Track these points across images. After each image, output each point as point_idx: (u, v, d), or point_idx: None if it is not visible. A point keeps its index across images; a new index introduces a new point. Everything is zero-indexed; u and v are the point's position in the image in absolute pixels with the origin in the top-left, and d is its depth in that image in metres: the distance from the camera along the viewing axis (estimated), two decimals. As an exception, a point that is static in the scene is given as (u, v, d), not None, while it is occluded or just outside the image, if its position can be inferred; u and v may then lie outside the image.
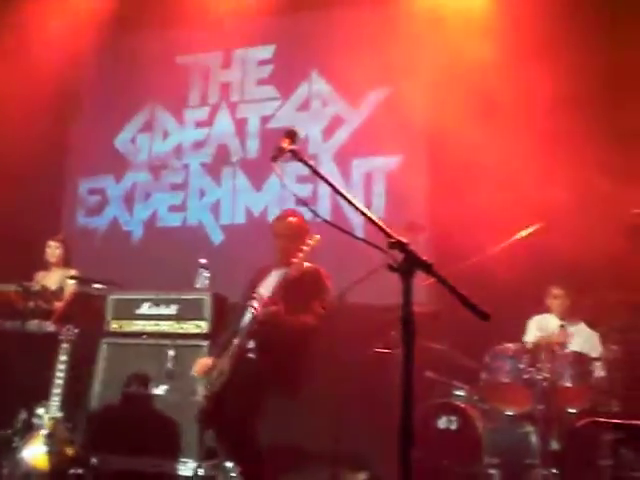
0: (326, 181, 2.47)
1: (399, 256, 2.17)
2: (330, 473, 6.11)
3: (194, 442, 5.38)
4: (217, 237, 8.04)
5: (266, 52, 8.30)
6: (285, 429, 6.12)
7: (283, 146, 2.72)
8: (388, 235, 2.19)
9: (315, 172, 2.56)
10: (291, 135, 2.77)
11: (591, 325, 5.80)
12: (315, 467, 6.21)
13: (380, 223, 2.24)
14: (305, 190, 7.46)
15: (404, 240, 2.16)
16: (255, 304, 4.50)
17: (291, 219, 4.87)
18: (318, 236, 4.42)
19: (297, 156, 2.68)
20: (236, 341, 4.58)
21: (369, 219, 2.27)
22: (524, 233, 5.32)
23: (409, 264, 2.12)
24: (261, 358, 4.53)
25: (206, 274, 5.85)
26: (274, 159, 2.74)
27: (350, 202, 2.35)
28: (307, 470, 6.24)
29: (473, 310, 2.07)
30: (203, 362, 4.79)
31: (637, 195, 4.76)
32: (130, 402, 5.71)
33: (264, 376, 4.51)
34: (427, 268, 2.12)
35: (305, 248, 4.37)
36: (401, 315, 2.08)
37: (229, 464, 5.18)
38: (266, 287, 4.76)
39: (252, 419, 4.47)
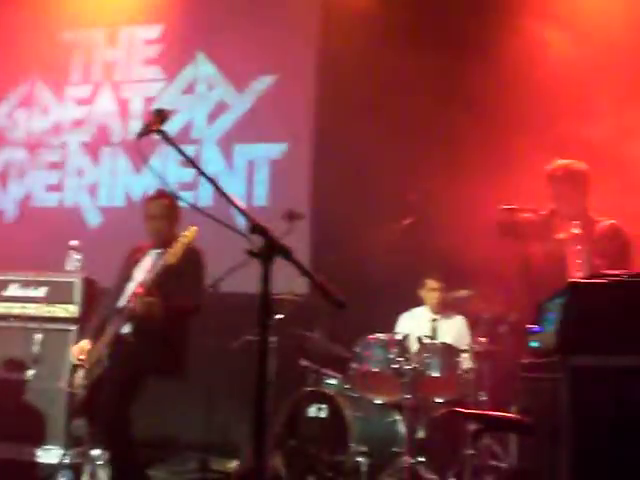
0: (190, 161, 2.41)
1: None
2: (200, 462, 6.08)
3: (60, 429, 5.26)
4: (95, 219, 7.83)
5: (153, 32, 8.09)
6: (156, 418, 6.05)
7: (150, 125, 2.64)
8: (250, 219, 2.15)
9: (180, 152, 2.50)
10: (161, 114, 2.69)
11: (463, 317, 5.96)
12: (185, 456, 6.15)
13: (242, 206, 2.20)
14: (187, 175, 7.34)
15: (265, 225, 2.13)
16: (131, 293, 4.39)
17: (163, 199, 4.76)
18: (195, 227, 4.35)
19: (164, 136, 2.61)
20: (112, 326, 4.47)
21: (231, 202, 2.23)
22: (398, 226, 5.37)
23: (269, 250, 2.09)
24: (138, 342, 4.42)
25: (77, 256, 5.67)
26: (139, 136, 2.66)
27: (213, 183, 2.29)
28: (177, 459, 6.17)
29: (329, 298, 2.06)
30: (80, 346, 4.63)
31: (507, 191, 4.90)
32: (-5, 387, 5.49)
33: (142, 360, 4.42)
34: (286, 254, 2.10)
35: (182, 240, 4.28)
36: (259, 301, 2.05)
37: (96, 452, 5.06)
38: (142, 269, 4.68)
39: (127, 405, 4.36)
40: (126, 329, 4.43)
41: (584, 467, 2.58)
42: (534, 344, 3.18)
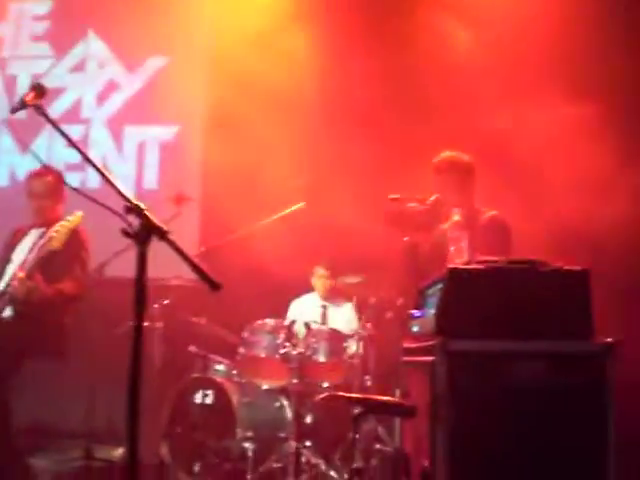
0: (63, 134, 2.33)
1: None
2: (84, 449, 5.94)
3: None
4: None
5: (43, 7, 7.78)
6: (38, 405, 5.88)
7: (26, 99, 2.54)
8: (125, 199, 2.10)
9: (54, 126, 2.41)
10: (37, 89, 2.59)
11: (353, 304, 6.02)
12: (68, 444, 5.99)
13: (118, 186, 2.14)
14: (74, 156, 7.09)
15: (141, 205, 2.08)
16: (11, 276, 4.23)
17: (47, 177, 4.62)
18: (80, 212, 4.24)
19: (40, 112, 2.51)
20: None
21: (105, 178, 2.17)
22: (287, 211, 5.37)
23: (145, 230, 2.04)
24: (18, 325, 4.27)
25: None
26: (13, 111, 2.56)
27: (88, 160, 2.23)
28: (60, 447, 6.01)
29: (204, 279, 2.03)
30: None
31: (395, 181, 4.98)
32: None
33: (21, 342, 4.30)
34: (162, 234, 2.05)
35: (66, 224, 4.16)
36: (135, 283, 2.00)
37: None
38: (22, 250, 4.54)
39: (4, 390, 4.22)
40: (7, 312, 4.27)
41: (460, 449, 2.64)
42: (415, 328, 3.24)
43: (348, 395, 3.33)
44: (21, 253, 4.53)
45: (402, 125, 6.06)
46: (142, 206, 2.09)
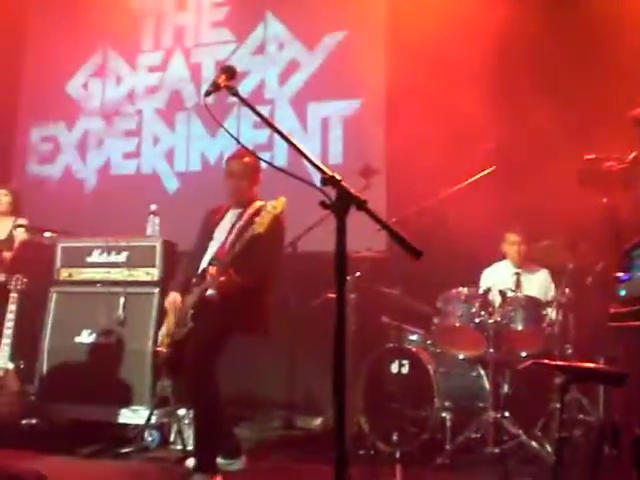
0: (258, 113, 2.36)
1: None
2: (285, 420, 6.14)
3: (146, 390, 5.37)
4: (172, 185, 7.91)
5: (221, -6, 8.07)
6: (241, 377, 6.13)
7: (218, 82, 2.60)
8: (321, 171, 2.10)
9: (249, 106, 2.46)
10: (228, 71, 2.65)
11: (548, 270, 5.81)
12: (270, 414, 6.22)
13: (313, 158, 2.15)
14: (261, 136, 7.33)
15: (337, 176, 2.08)
16: (211, 269, 4.40)
17: (245, 158, 4.75)
18: (284, 198, 4.30)
19: (233, 92, 2.57)
20: (196, 288, 4.51)
21: (301, 153, 2.18)
22: (477, 176, 5.21)
23: (342, 201, 2.03)
24: (222, 302, 4.44)
25: (156, 221, 5.72)
26: (207, 94, 2.62)
27: (280, 134, 2.24)
28: (262, 417, 6.25)
29: (406, 248, 2.00)
30: (173, 298, 4.65)
31: (588, 143, 4.70)
32: (82, 351, 5.63)
33: (226, 318, 4.44)
34: (360, 204, 2.04)
35: (270, 210, 4.24)
36: (335, 254, 2.00)
37: (182, 411, 5.16)
38: (222, 229, 4.71)
39: (211, 363, 4.41)
40: (210, 291, 4.46)
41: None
42: (622, 292, 3.06)
43: (553, 363, 3.20)
44: (222, 233, 4.68)
45: (589, 86, 5.75)
46: (338, 177, 2.08)
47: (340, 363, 1.99)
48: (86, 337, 5.64)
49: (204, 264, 4.57)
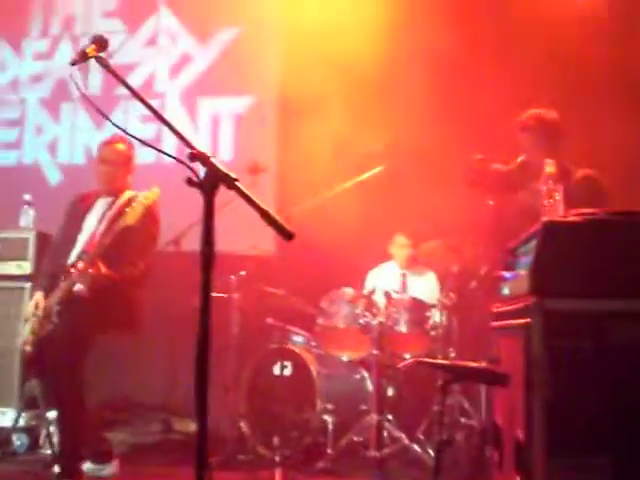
0: (127, 86, 2.18)
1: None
2: (163, 423, 5.91)
3: (14, 391, 5.04)
4: (54, 177, 7.58)
5: (113, -17, 7.79)
6: (118, 379, 5.89)
7: (87, 51, 2.41)
8: (189, 146, 1.94)
9: (118, 78, 2.28)
10: (99, 41, 2.47)
11: (434, 272, 5.82)
12: (148, 418, 5.98)
13: (183, 134, 1.99)
14: (149, 130, 7.09)
15: (207, 152, 1.92)
16: (79, 264, 4.15)
17: (119, 145, 4.55)
18: (157, 189, 4.14)
19: (103, 64, 2.38)
20: (63, 282, 4.24)
21: (170, 127, 2.02)
22: (365, 175, 5.14)
23: (211, 178, 1.88)
24: (91, 298, 4.20)
25: (31, 212, 5.41)
26: (73, 63, 2.44)
27: (152, 109, 2.07)
28: (139, 421, 6.01)
29: (277, 229, 1.86)
30: (36, 300, 4.39)
31: (478, 145, 4.71)
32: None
33: (94, 315, 4.22)
34: (230, 183, 1.89)
35: (142, 201, 4.06)
36: (201, 235, 1.84)
37: (52, 414, 4.86)
38: (92, 219, 4.50)
39: (78, 363, 4.16)
40: (78, 286, 4.20)
41: (559, 420, 2.41)
42: (506, 291, 3.02)
43: (435, 361, 3.13)
44: (91, 224, 4.45)
45: (483, 84, 5.77)
46: (208, 154, 1.93)
47: (203, 362, 1.84)
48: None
49: (73, 257, 4.32)
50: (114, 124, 2.27)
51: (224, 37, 7.34)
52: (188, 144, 1.96)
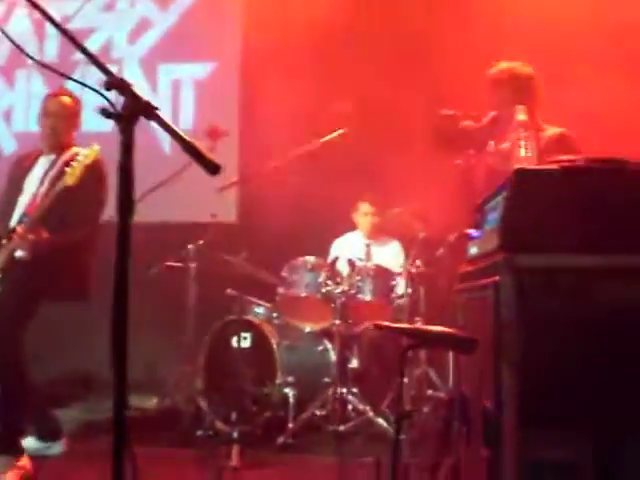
0: (53, 22, 1.90)
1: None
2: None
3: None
4: (9, 146, 7.29)
5: (70, -55, 7.46)
6: (71, 353, 5.67)
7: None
8: (107, 73, 1.69)
9: (42, 12, 1.99)
10: None
11: (399, 241, 5.62)
12: (100, 393, 5.72)
13: (98, 59, 1.73)
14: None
15: (126, 80, 1.67)
16: (18, 228, 3.87)
17: (64, 98, 4.29)
18: (97, 146, 3.87)
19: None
20: (4, 248, 3.95)
21: (87, 54, 1.75)
22: (327, 137, 4.87)
23: (130, 108, 1.63)
24: (34, 264, 3.93)
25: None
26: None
27: (73, 41, 1.80)
28: (92, 397, 5.75)
29: (201, 162, 1.61)
30: None
31: (444, 101, 4.47)
32: None
33: (38, 282, 3.96)
34: (149, 111, 1.64)
35: (82, 160, 3.79)
36: (118, 170, 1.59)
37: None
38: (33, 180, 4.20)
39: (19, 335, 3.89)
40: (18, 253, 3.92)
41: (532, 388, 2.19)
42: (473, 250, 2.79)
43: (396, 325, 2.91)
44: (32, 184, 4.16)
45: (447, 44, 5.53)
46: (127, 81, 1.67)
47: (119, 337, 1.60)
48: None
49: (13, 221, 4.03)
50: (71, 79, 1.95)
51: (184, 1, 7.11)
52: (106, 71, 1.70)
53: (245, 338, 4.88)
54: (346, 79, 5.75)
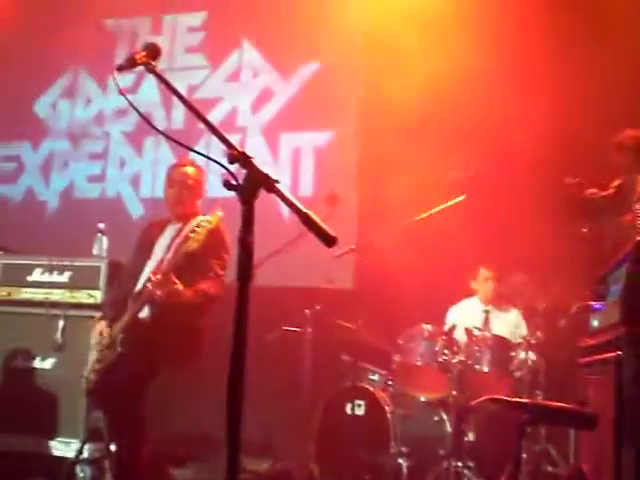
0: (174, 91, 2.02)
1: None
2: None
3: (79, 421, 4.92)
4: (136, 210, 7.57)
5: (197, 19, 7.85)
6: (186, 414, 5.76)
7: (136, 57, 2.27)
8: (229, 146, 1.76)
9: (166, 84, 2.12)
10: (150, 48, 2.32)
11: (519, 309, 5.49)
12: (215, 455, 5.78)
13: (222, 133, 1.81)
14: (230, 166, 7.00)
15: (247, 153, 1.74)
16: (152, 277, 4.02)
17: (189, 168, 4.45)
18: (220, 213, 3.99)
19: (151, 71, 2.24)
20: (129, 310, 4.11)
21: (209, 125, 1.84)
22: (446, 204, 4.86)
23: (251, 181, 1.69)
24: (156, 327, 4.08)
25: (104, 240, 5.35)
26: (120, 69, 2.30)
27: (192, 108, 1.89)
28: (206, 458, 5.81)
29: (318, 233, 1.65)
30: (97, 329, 4.31)
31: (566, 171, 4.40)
32: (14, 377, 5.19)
33: (158, 347, 4.08)
34: (270, 185, 1.69)
35: (205, 225, 3.91)
36: (239, 241, 1.65)
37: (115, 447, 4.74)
38: (161, 247, 4.37)
39: (141, 396, 4.00)
40: (144, 313, 4.07)
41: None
42: (595, 323, 2.71)
43: (513, 399, 2.82)
44: (159, 251, 4.33)
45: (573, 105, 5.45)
46: (249, 154, 1.74)
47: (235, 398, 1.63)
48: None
49: (140, 284, 4.19)
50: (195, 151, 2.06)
51: (305, 72, 7.29)
52: (228, 144, 1.78)
53: (359, 405, 4.85)
54: (465, 146, 5.72)
